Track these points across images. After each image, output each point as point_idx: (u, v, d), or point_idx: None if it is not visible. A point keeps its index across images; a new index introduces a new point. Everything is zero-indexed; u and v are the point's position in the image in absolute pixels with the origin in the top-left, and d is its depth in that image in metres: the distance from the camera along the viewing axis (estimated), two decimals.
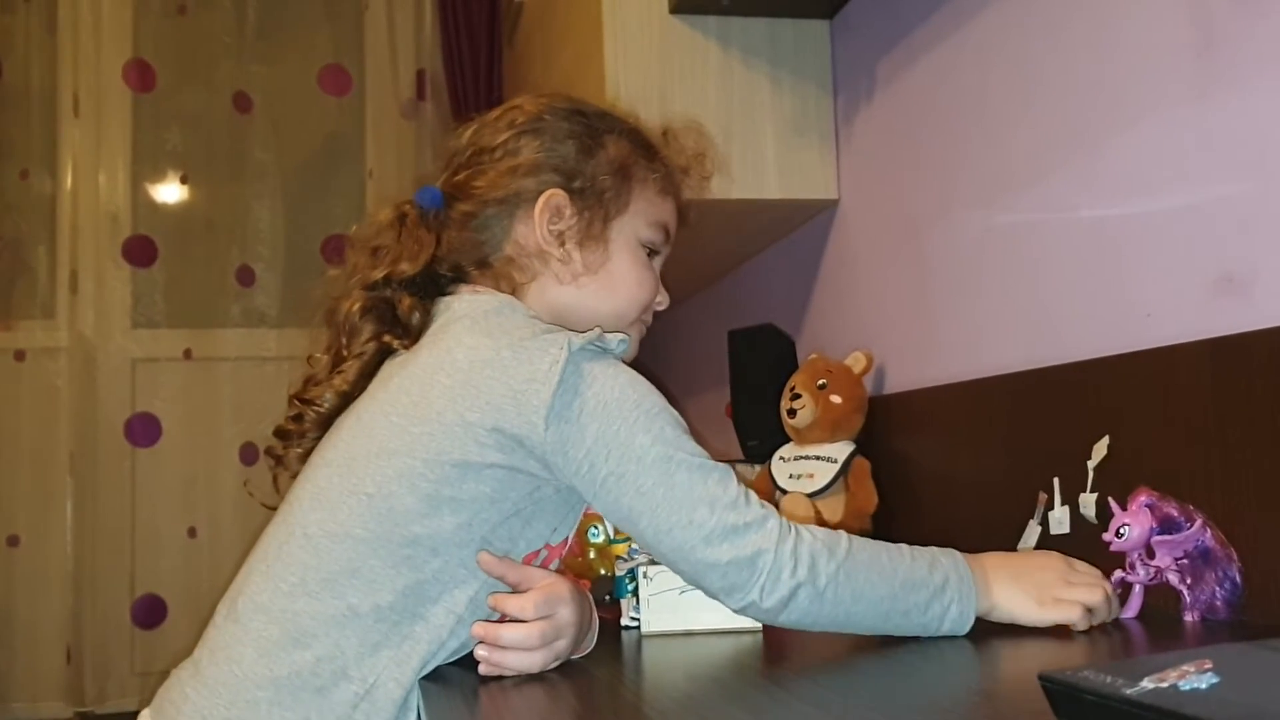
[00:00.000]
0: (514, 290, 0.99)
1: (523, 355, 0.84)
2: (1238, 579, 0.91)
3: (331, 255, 3.39)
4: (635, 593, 1.00)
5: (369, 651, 0.82)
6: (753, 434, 1.88)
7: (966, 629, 0.86)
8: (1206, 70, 1.02)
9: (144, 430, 3.31)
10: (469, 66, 3.32)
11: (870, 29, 1.74)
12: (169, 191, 3.44)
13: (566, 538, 0.92)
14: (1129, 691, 0.42)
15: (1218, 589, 0.91)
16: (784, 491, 1.61)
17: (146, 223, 3.37)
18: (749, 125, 1.83)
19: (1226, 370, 0.96)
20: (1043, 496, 1.20)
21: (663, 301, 1.09)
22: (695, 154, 1.11)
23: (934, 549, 0.89)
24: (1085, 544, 1.06)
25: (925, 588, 0.84)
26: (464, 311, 0.94)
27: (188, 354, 3.33)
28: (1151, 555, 0.92)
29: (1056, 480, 1.18)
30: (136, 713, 0.90)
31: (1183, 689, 0.41)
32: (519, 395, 0.82)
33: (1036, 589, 0.88)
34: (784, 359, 1.86)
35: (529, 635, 0.82)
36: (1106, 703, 0.43)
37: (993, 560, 0.91)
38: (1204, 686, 0.40)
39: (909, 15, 1.60)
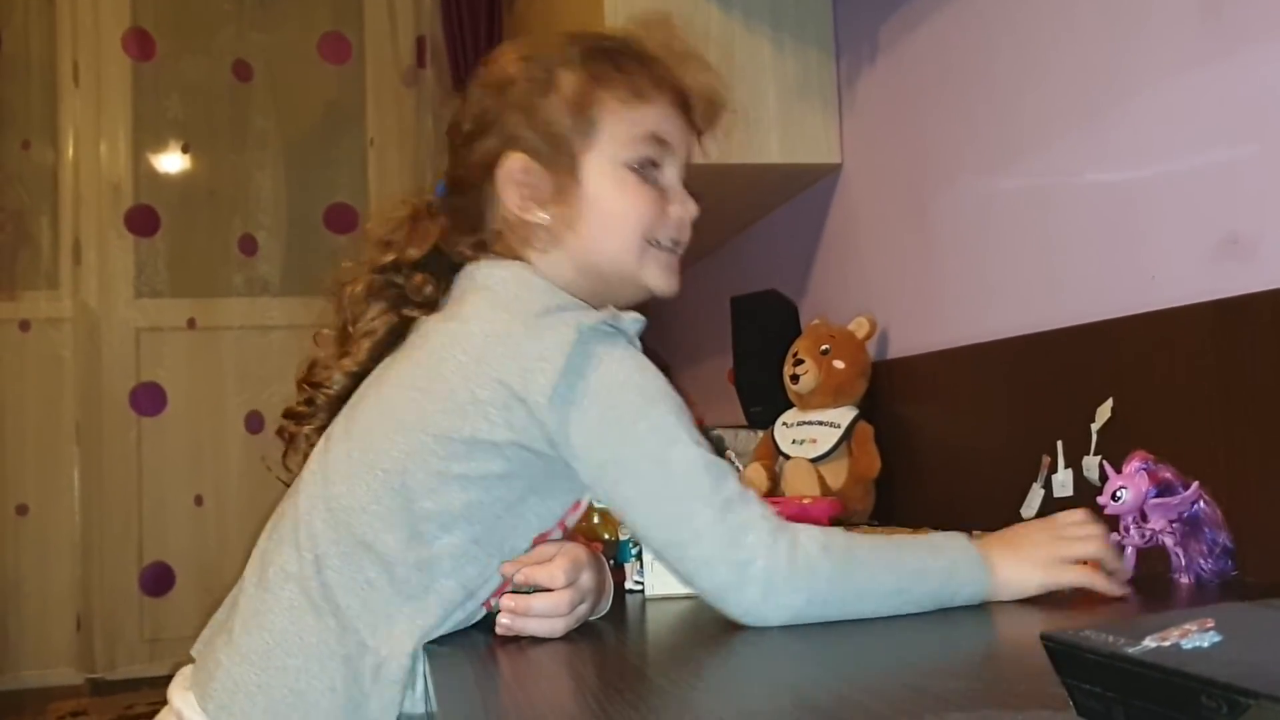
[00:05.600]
0: (523, 258, 0.95)
1: (534, 332, 0.83)
2: (1229, 543, 0.91)
3: (334, 223, 3.38)
4: (639, 557, 1.01)
5: (384, 623, 0.82)
6: (756, 399, 1.88)
7: (981, 600, 0.84)
8: (1211, 34, 1.01)
9: (149, 399, 3.31)
10: (469, 32, 3.29)
11: None
12: (170, 161, 3.43)
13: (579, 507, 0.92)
14: (1131, 650, 0.42)
15: (1211, 552, 0.91)
16: (787, 457, 1.62)
17: (148, 192, 3.36)
18: (751, 89, 1.82)
19: (1230, 332, 0.95)
20: (1046, 459, 1.20)
21: (686, 211, 0.98)
22: (664, 43, 0.99)
23: (935, 534, 0.88)
24: (1089, 506, 1.06)
25: (934, 575, 0.82)
26: (483, 281, 0.92)
27: (191, 323, 3.33)
28: (1146, 518, 0.93)
29: (1060, 443, 1.18)
30: (147, 679, 0.90)
31: (1185, 647, 0.41)
32: (527, 373, 0.81)
33: (1037, 557, 0.85)
34: (787, 324, 1.86)
35: (559, 603, 0.82)
36: (1108, 661, 0.43)
37: (986, 541, 0.88)
38: (1206, 645, 0.41)
39: None
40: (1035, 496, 1.21)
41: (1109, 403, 1.10)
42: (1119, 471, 0.94)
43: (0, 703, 3.47)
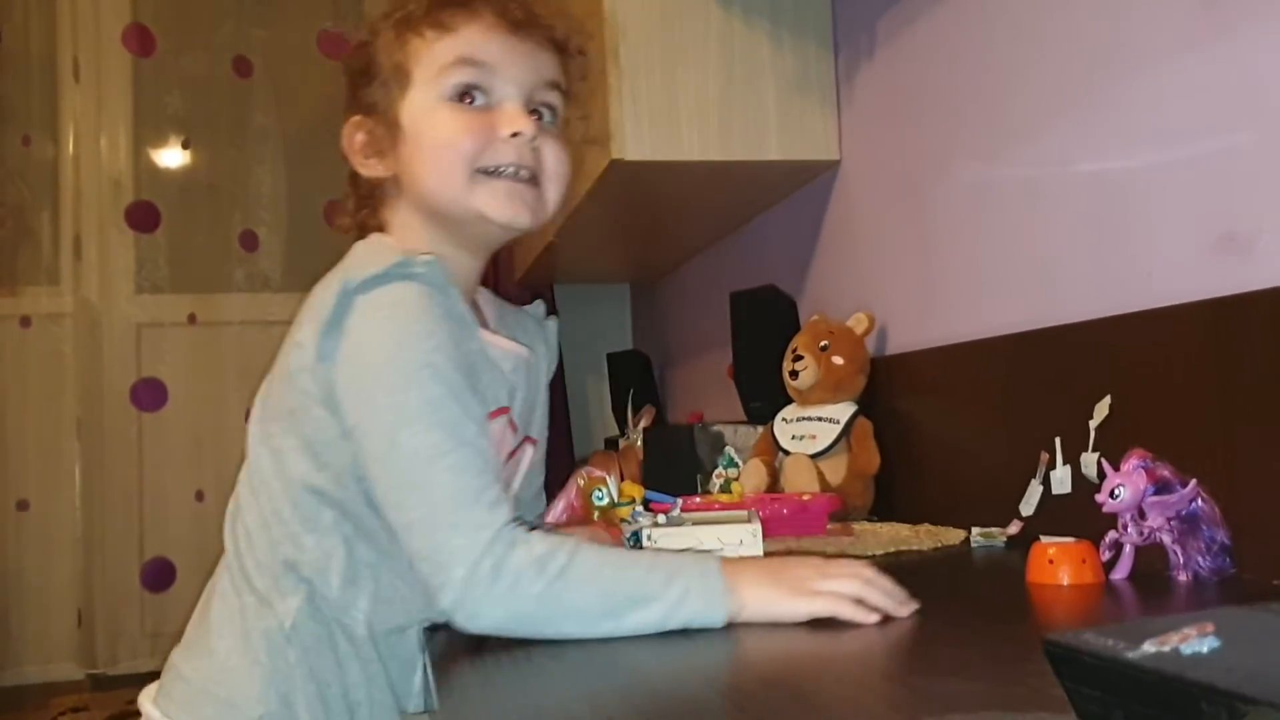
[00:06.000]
0: (383, 228, 0.98)
1: (319, 291, 0.86)
2: (1227, 540, 0.92)
3: (334, 220, 3.38)
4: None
5: (293, 594, 0.86)
6: (755, 395, 1.89)
7: (722, 624, 0.78)
8: (1209, 25, 1.01)
9: (150, 395, 3.32)
10: None
11: None
12: (170, 156, 3.43)
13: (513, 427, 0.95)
14: (1130, 655, 0.43)
15: (1209, 549, 0.91)
16: (787, 453, 1.62)
17: (149, 188, 3.37)
18: (750, 86, 1.82)
19: (1228, 330, 0.96)
20: (1044, 456, 1.21)
21: (518, 127, 0.92)
22: None
23: (684, 554, 0.84)
24: (1087, 503, 1.07)
25: (658, 603, 0.76)
26: (341, 262, 0.93)
27: (192, 319, 3.34)
28: (1144, 516, 0.93)
29: (1058, 440, 1.18)
30: (149, 674, 0.93)
31: (1184, 653, 0.41)
32: (304, 331, 0.84)
33: (792, 584, 0.80)
34: (786, 320, 1.86)
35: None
36: (1108, 666, 0.43)
37: (744, 563, 0.84)
38: (1205, 650, 0.41)
39: None
40: (1034, 493, 1.22)
41: (1107, 400, 1.10)
42: (1117, 469, 0.95)
43: (2, 698, 3.48)
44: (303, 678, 0.84)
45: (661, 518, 1.03)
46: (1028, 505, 1.22)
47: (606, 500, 1.11)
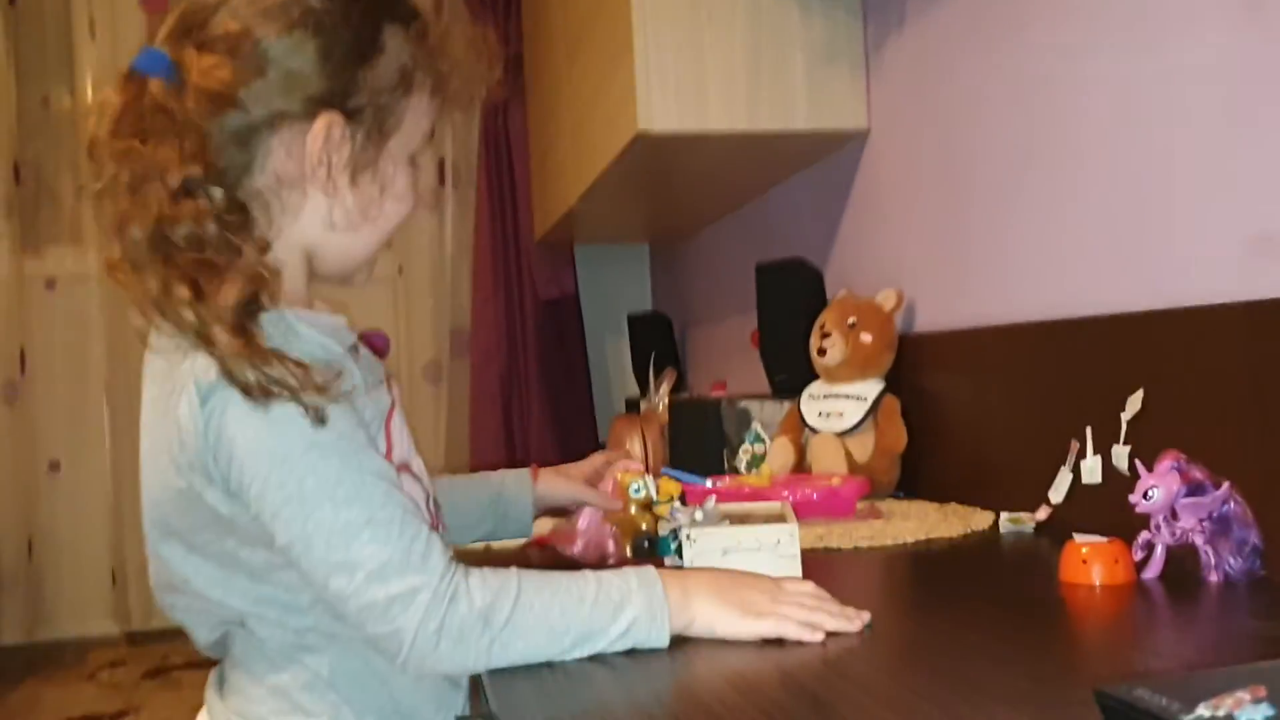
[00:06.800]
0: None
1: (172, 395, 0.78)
2: (1258, 543, 0.93)
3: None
4: (679, 551, 1.03)
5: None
6: (780, 368, 1.90)
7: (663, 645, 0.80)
8: (1252, 17, 1.01)
9: None
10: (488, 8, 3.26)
11: None
12: None
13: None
14: (1185, 718, 0.44)
15: (1239, 551, 0.93)
16: (814, 431, 1.63)
17: None
18: (779, 54, 1.81)
19: (1263, 334, 0.96)
20: (1074, 444, 1.22)
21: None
22: (470, 46, 0.90)
23: (631, 574, 0.82)
24: (1118, 495, 1.08)
25: (603, 638, 0.78)
26: None
27: None
28: (1176, 517, 0.94)
29: (1089, 429, 1.19)
30: (183, 630, 0.89)
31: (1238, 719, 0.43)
32: (179, 448, 0.78)
33: (741, 604, 0.81)
34: (813, 293, 1.87)
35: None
36: None
37: (699, 576, 0.85)
38: (1259, 719, 0.43)
39: None
40: (1063, 480, 1.23)
41: (1140, 394, 1.11)
42: (1149, 467, 0.96)
43: (41, 653, 3.57)
44: (357, 710, 0.84)
45: (699, 513, 1.04)
46: (1057, 493, 1.23)
47: (644, 494, 1.13)
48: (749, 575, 0.87)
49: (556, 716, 0.70)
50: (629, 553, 1.12)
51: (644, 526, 1.13)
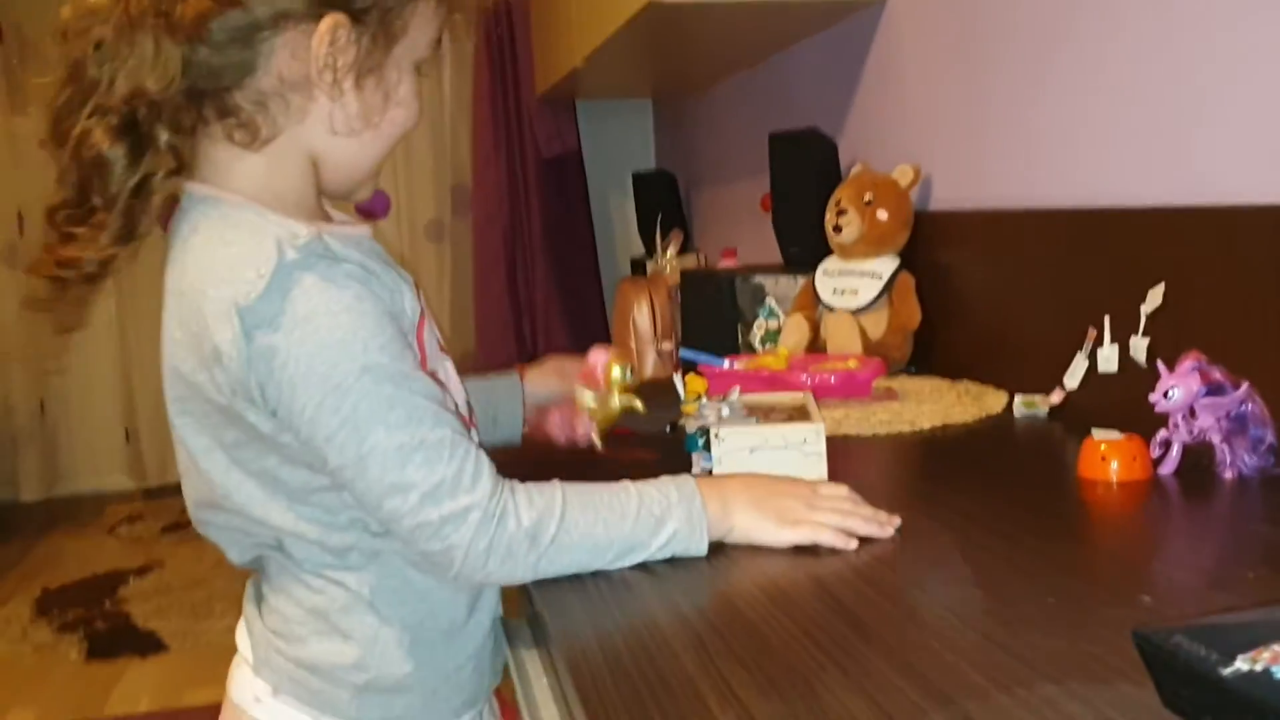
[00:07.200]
0: (256, 142, 0.80)
1: (199, 309, 0.76)
2: (1274, 440, 0.96)
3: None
4: (706, 445, 1.06)
5: None
6: (793, 240, 1.90)
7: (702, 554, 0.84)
8: None
9: None
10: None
11: None
12: None
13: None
14: (1223, 671, 0.47)
15: (1255, 449, 0.95)
16: (829, 308, 1.65)
17: None
18: None
19: None
20: (1092, 332, 1.23)
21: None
22: None
23: (670, 486, 0.84)
24: (1133, 386, 1.11)
25: (645, 548, 0.82)
26: (199, 220, 0.80)
27: None
28: (1194, 415, 0.97)
29: (1107, 318, 1.21)
30: None
31: (1276, 676, 0.46)
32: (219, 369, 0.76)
33: (777, 513, 0.85)
34: (827, 164, 1.85)
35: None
36: (1199, 677, 0.48)
37: (736, 484, 0.88)
38: None
39: None
40: (1079, 366, 1.25)
41: (1160, 288, 1.12)
42: (1168, 365, 0.98)
43: (60, 507, 3.67)
44: (396, 630, 0.86)
45: (725, 408, 1.06)
46: (1072, 378, 1.26)
47: (626, 379, 1.11)
48: (784, 481, 0.90)
49: (600, 623, 0.73)
50: (598, 441, 1.11)
51: (617, 408, 1.12)
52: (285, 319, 0.75)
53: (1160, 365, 0.99)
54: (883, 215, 1.62)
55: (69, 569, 3.12)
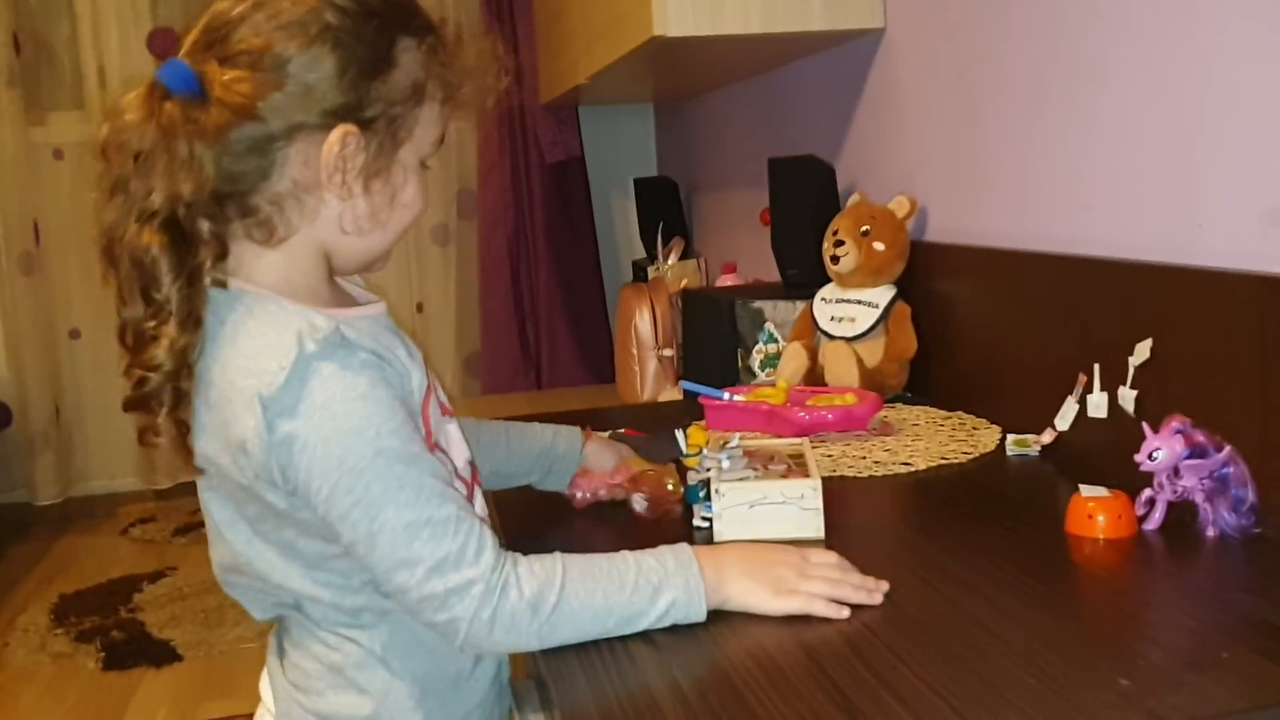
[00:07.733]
0: (273, 239, 0.86)
1: (227, 395, 0.81)
2: (1255, 500, 1.00)
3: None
4: (707, 498, 1.10)
5: None
6: (792, 263, 1.94)
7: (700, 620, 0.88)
8: None
9: None
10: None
11: None
12: None
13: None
14: None
15: (1236, 509, 0.99)
16: (828, 335, 1.68)
17: (165, 15, 3.30)
18: None
19: (1272, 308, 1.00)
20: (1082, 378, 1.27)
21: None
22: (480, 58, 0.94)
23: (668, 555, 0.89)
24: (1121, 435, 1.15)
25: (644, 618, 0.86)
26: (226, 313, 0.84)
27: None
28: (1178, 475, 1.01)
29: (1097, 366, 1.24)
30: None
31: None
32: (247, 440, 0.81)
33: (771, 583, 0.89)
34: (825, 190, 1.88)
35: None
36: None
37: (732, 553, 0.92)
38: None
39: None
40: (1069, 409, 1.28)
41: (1148, 342, 1.15)
42: (1156, 431, 1.01)
43: (75, 508, 3.72)
44: (407, 683, 0.91)
45: (725, 460, 1.10)
46: (1063, 421, 1.29)
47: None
48: (777, 550, 0.94)
49: (601, 692, 0.78)
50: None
51: (670, 485, 1.17)
52: (304, 406, 0.80)
53: (1145, 427, 1.02)
54: (879, 246, 1.65)
55: (85, 572, 3.17)
